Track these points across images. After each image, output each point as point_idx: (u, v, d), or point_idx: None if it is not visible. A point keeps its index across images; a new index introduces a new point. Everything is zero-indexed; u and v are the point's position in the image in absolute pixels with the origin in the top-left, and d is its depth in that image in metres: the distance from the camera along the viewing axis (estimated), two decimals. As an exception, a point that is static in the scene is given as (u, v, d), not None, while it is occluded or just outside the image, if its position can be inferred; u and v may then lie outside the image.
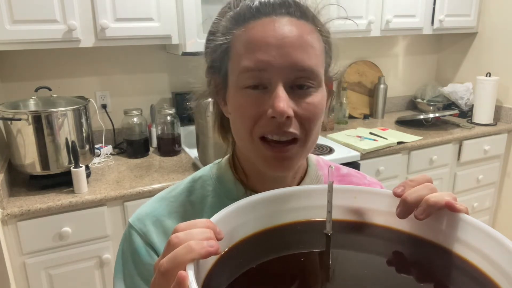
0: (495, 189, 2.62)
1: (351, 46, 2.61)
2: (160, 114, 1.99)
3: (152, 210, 0.65)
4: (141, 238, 0.63)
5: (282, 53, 0.52)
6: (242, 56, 0.54)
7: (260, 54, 0.53)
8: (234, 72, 0.56)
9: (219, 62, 0.58)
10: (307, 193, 0.50)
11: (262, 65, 0.53)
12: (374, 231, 0.49)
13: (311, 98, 0.55)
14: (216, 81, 0.60)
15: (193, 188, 0.67)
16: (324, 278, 0.43)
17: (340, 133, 2.29)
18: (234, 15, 0.57)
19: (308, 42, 0.54)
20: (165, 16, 1.77)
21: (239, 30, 0.55)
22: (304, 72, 0.54)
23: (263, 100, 0.53)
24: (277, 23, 0.54)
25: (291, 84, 0.54)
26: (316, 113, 0.55)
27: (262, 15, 0.55)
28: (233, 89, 0.57)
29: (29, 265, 1.51)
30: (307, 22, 0.56)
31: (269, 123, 0.53)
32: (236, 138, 0.61)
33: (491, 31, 2.57)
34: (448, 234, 0.44)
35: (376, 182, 0.76)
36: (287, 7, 0.55)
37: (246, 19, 0.55)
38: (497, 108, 2.51)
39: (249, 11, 0.56)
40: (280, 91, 0.52)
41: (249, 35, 0.54)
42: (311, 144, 0.58)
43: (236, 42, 0.56)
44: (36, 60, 1.91)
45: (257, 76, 0.53)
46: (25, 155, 1.55)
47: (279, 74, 0.53)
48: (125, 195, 1.57)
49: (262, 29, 0.54)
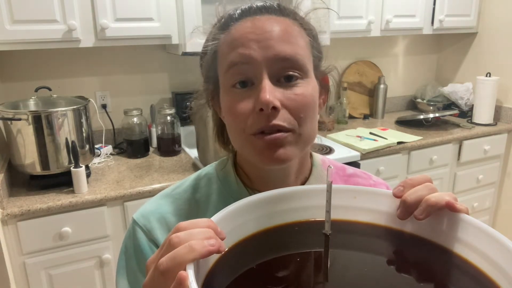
0: (495, 189, 2.62)
1: (351, 46, 2.61)
2: (160, 114, 1.99)
3: (156, 207, 0.65)
4: (145, 235, 0.63)
5: (263, 46, 0.53)
6: (226, 55, 0.56)
7: (242, 49, 0.54)
8: (221, 73, 0.58)
9: (210, 69, 0.60)
10: (307, 193, 0.50)
11: (244, 58, 0.54)
12: (374, 231, 0.48)
13: (298, 89, 0.55)
14: (210, 89, 0.62)
15: (198, 186, 0.67)
16: (324, 278, 0.43)
17: (340, 133, 2.29)
18: (219, 24, 0.60)
19: (289, 33, 0.55)
20: (165, 16, 1.77)
21: (223, 36, 0.58)
22: (287, 61, 0.54)
23: (251, 96, 0.54)
24: (257, 21, 0.56)
25: (277, 76, 0.54)
26: (305, 103, 0.55)
27: (243, 17, 0.57)
28: (223, 91, 0.58)
29: (29, 265, 1.51)
30: (287, 17, 0.58)
31: (259, 119, 0.53)
32: (232, 140, 0.61)
33: (491, 31, 2.57)
34: (449, 234, 0.44)
35: (382, 183, 0.76)
36: (266, 8, 0.58)
37: (229, 24, 0.58)
38: (497, 108, 2.51)
39: (232, 17, 0.58)
40: (265, 83, 0.53)
41: (231, 35, 0.56)
42: (307, 137, 0.57)
43: (221, 46, 0.58)
44: (36, 60, 1.91)
45: (241, 71, 0.54)
46: (25, 155, 1.55)
47: (263, 66, 0.53)
48: (125, 195, 1.57)
49: (242, 28, 0.56)
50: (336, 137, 2.21)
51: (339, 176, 0.72)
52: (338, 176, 0.72)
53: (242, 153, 0.61)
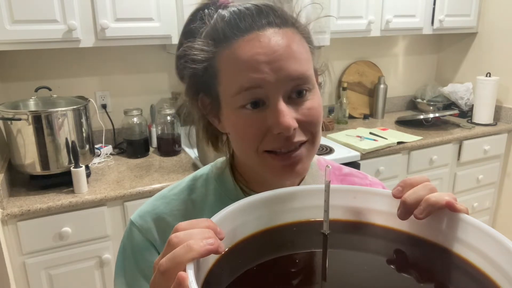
0: (495, 189, 2.62)
1: (351, 46, 2.61)
2: (160, 114, 1.99)
3: (153, 207, 0.66)
4: (142, 235, 0.63)
5: (274, 68, 0.52)
6: (233, 78, 0.53)
7: (253, 73, 0.52)
8: (227, 94, 0.55)
9: (206, 85, 0.57)
10: (307, 193, 0.50)
11: (257, 83, 0.52)
12: (374, 231, 0.49)
13: (310, 102, 0.55)
14: (205, 102, 0.59)
15: (194, 187, 0.67)
16: (323, 278, 0.43)
17: (340, 133, 2.29)
18: (211, 34, 0.55)
19: (296, 49, 0.54)
20: (165, 16, 1.77)
21: (223, 51, 0.54)
22: (299, 80, 0.53)
23: (264, 117, 0.53)
24: (262, 38, 0.52)
25: (289, 94, 0.54)
26: (317, 116, 0.56)
27: (244, 32, 0.53)
28: (229, 110, 0.55)
29: (29, 265, 1.51)
30: (289, 28, 0.55)
31: (276, 139, 0.53)
32: (239, 153, 0.61)
33: (491, 31, 2.57)
34: (448, 234, 0.44)
35: (378, 183, 0.76)
36: (265, 17, 0.54)
37: (228, 38, 0.53)
38: (497, 108, 2.51)
39: (228, 28, 0.54)
40: (281, 106, 0.52)
41: (237, 55, 0.53)
42: (317, 144, 0.59)
43: (223, 64, 0.54)
44: (36, 60, 1.91)
45: (254, 94, 0.53)
46: (25, 155, 1.55)
47: (276, 88, 0.52)
48: (125, 195, 1.57)
49: (249, 47, 0.52)
50: (336, 137, 2.21)
51: (335, 176, 0.72)
52: (334, 176, 0.72)
53: (251, 165, 0.60)
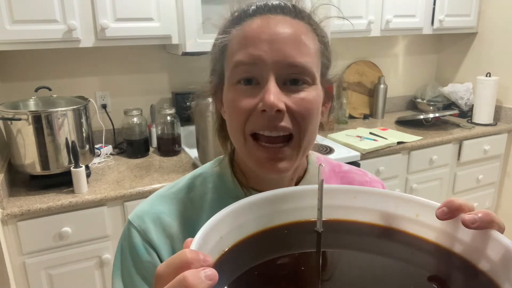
0: (495, 189, 2.62)
1: (351, 46, 2.61)
2: (160, 114, 1.99)
3: (151, 207, 0.65)
4: (140, 235, 0.63)
5: (273, 48, 0.53)
6: (235, 52, 0.55)
7: (252, 49, 0.53)
8: (228, 69, 0.57)
9: (217, 62, 0.60)
10: (307, 193, 0.50)
11: (254, 59, 0.53)
12: (374, 231, 0.49)
13: (304, 94, 0.55)
14: (215, 81, 0.61)
15: (193, 185, 0.67)
16: (323, 278, 0.43)
17: (340, 133, 2.29)
18: (233, 18, 0.59)
19: (301, 39, 0.54)
20: (165, 16, 1.77)
21: (236, 29, 0.57)
22: (296, 68, 0.54)
23: (254, 94, 0.54)
24: (271, 20, 0.55)
25: (284, 79, 0.54)
26: (309, 109, 0.55)
27: (256, 12, 0.57)
28: (227, 86, 0.58)
29: (29, 265, 1.51)
30: (302, 21, 0.57)
31: (260, 118, 0.53)
32: (232, 138, 0.61)
33: (491, 31, 2.57)
34: (448, 234, 0.44)
35: (378, 181, 0.76)
36: (282, 8, 0.57)
37: (242, 19, 0.57)
38: (497, 108, 2.51)
39: (245, 12, 0.58)
40: (271, 85, 0.53)
41: (243, 32, 0.56)
42: (306, 145, 0.57)
43: (232, 41, 0.57)
44: (36, 60, 1.91)
45: (249, 70, 0.54)
46: (25, 155, 1.55)
47: (270, 68, 0.53)
48: (125, 195, 1.57)
49: (256, 26, 0.55)
50: (336, 137, 2.21)
51: (335, 173, 0.72)
52: (334, 173, 0.72)
53: (240, 153, 0.61)
